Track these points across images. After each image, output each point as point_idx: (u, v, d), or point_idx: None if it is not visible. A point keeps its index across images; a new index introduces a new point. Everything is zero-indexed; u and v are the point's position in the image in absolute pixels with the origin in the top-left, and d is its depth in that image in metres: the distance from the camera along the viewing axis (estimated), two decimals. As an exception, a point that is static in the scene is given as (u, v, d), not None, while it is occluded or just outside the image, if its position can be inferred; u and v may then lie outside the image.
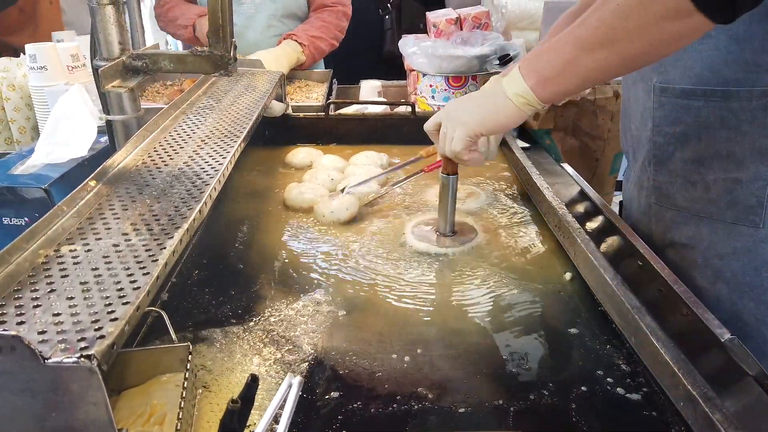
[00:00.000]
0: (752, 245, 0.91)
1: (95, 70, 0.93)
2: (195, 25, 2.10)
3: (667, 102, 0.96)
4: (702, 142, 0.92)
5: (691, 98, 0.91)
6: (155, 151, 0.95)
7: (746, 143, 0.87)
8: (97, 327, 0.52)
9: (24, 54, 1.52)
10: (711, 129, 0.91)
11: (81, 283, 0.59)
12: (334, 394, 0.73)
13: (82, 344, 0.50)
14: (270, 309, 0.91)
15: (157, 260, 0.64)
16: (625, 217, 1.20)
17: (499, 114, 0.91)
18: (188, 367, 0.69)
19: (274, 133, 1.62)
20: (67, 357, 0.48)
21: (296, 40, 2.07)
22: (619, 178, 2.03)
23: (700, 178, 0.94)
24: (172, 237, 0.69)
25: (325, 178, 1.33)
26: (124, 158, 0.90)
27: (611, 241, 1.07)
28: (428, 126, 1.03)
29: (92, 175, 0.80)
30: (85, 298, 0.57)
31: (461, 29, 1.87)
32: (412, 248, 1.09)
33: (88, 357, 0.49)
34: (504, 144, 1.61)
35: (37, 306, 0.56)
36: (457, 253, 1.08)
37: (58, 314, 0.55)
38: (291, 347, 0.82)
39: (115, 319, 0.53)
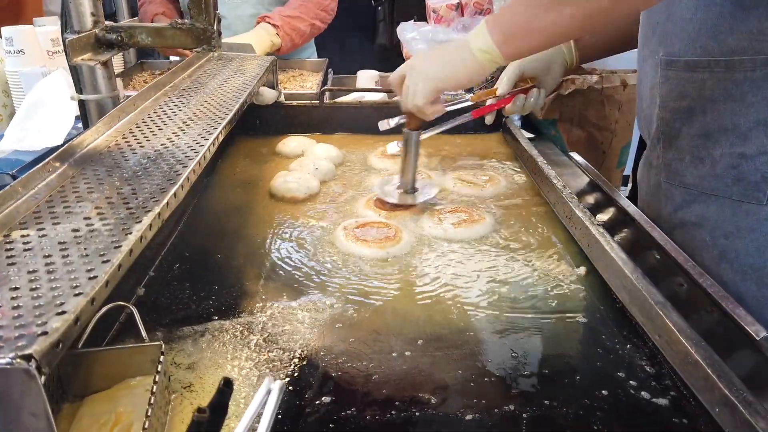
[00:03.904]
0: (756, 224, 0.87)
1: (64, 42, 0.84)
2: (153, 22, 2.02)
3: (672, 76, 0.93)
4: (707, 115, 0.89)
5: (696, 70, 0.89)
6: (130, 132, 0.86)
7: (751, 115, 0.84)
8: (40, 322, 0.44)
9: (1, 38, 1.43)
10: (716, 102, 0.87)
11: (29, 272, 0.51)
12: (326, 399, 0.66)
13: (20, 342, 0.42)
14: (256, 305, 0.83)
15: (120, 247, 0.55)
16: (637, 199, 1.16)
17: (463, 69, 0.93)
18: (159, 369, 0.61)
19: (266, 122, 1.54)
20: (0, 357, 0.40)
21: (269, 22, 1.95)
22: (626, 172, 1.95)
23: (707, 154, 0.91)
24: (141, 222, 0.60)
25: (311, 167, 1.26)
26: (95, 138, 0.82)
27: (627, 232, 1.00)
28: (393, 78, 1.03)
29: (55, 154, 0.72)
30: (31, 290, 0.49)
31: (462, 15, 1.79)
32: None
33: (26, 357, 0.40)
34: (509, 133, 1.53)
35: (-26, 298, 0.48)
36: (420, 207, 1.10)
37: (-4, 307, 0.46)
38: (278, 345, 0.74)
39: (63, 313, 0.45)
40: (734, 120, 0.85)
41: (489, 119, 1.25)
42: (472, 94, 1.23)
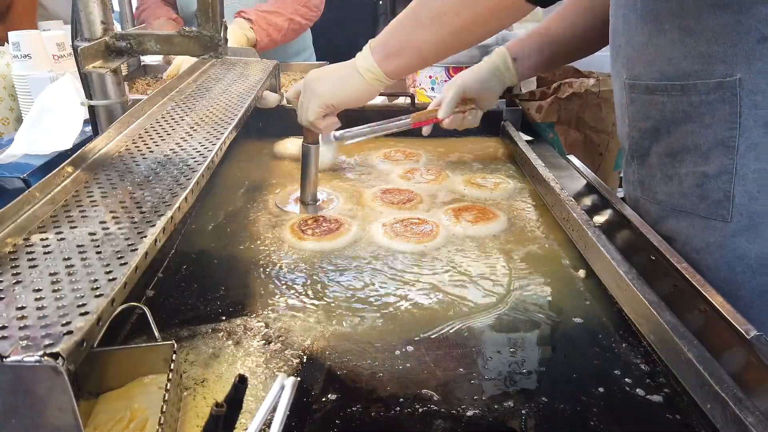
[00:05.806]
0: (723, 240, 0.89)
1: (75, 49, 0.87)
2: None
3: (637, 98, 0.95)
4: (671, 136, 0.91)
5: (655, 93, 0.91)
6: (140, 137, 0.89)
7: (710, 136, 0.85)
8: (65, 322, 0.47)
9: (7, 42, 1.45)
10: (677, 123, 0.89)
11: (50, 274, 0.54)
12: (332, 396, 0.68)
13: (47, 341, 0.44)
14: (262, 304, 0.85)
15: (136, 249, 0.58)
16: None
17: (350, 87, 0.98)
18: (172, 367, 0.63)
19: (268, 125, 1.56)
20: (29, 355, 0.43)
21: (243, 17, 1.95)
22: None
23: (675, 172, 0.93)
24: (154, 225, 0.63)
25: None
26: (105, 144, 0.84)
27: (623, 234, 1.02)
28: (289, 94, 1.13)
29: (69, 160, 0.74)
30: (54, 291, 0.51)
31: (461, 19, 1.81)
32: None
33: (53, 355, 0.43)
34: (507, 137, 1.56)
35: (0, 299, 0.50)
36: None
37: (22, 308, 0.49)
38: (285, 344, 0.76)
39: (86, 313, 0.47)
40: (695, 140, 0.87)
41: (426, 130, 1.26)
42: (411, 117, 1.24)
